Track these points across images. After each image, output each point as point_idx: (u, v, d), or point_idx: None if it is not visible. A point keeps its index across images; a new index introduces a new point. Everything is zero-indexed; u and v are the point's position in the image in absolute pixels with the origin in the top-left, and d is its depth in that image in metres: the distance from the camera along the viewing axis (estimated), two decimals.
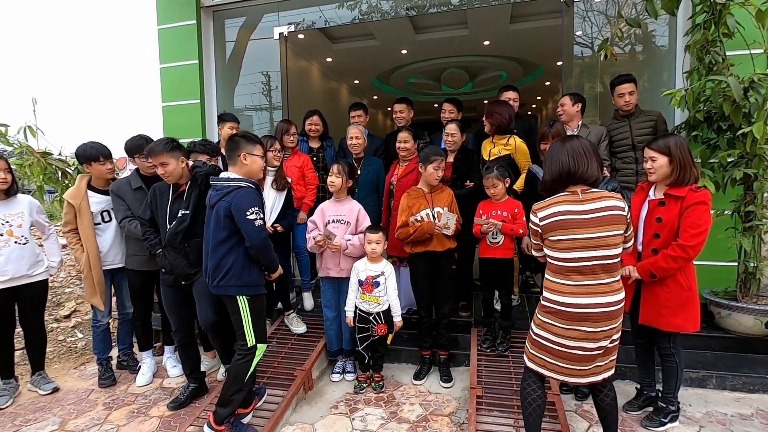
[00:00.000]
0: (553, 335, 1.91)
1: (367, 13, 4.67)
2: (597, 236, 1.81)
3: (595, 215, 1.82)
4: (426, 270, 2.95)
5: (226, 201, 2.30)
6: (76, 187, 3.15)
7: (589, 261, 1.83)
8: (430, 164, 2.84)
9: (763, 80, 2.66)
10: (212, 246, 2.36)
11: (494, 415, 2.53)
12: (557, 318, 1.89)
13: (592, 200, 1.85)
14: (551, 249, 1.91)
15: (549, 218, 1.88)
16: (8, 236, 2.90)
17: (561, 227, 1.85)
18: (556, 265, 1.91)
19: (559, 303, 1.87)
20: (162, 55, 4.64)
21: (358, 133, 3.57)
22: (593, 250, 1.82)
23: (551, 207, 1.89)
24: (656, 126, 3.27)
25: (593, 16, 4.18)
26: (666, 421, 2.48)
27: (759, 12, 2.85)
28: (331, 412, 2.77)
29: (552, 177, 1.94)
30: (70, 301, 4.62)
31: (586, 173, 1.87)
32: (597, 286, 1.84)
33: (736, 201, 3.03)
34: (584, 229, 1.82)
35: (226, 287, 2.36)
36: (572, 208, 1.85)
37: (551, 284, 1.93)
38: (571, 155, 1.88)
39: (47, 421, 2.77)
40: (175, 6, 4.53)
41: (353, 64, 7.77)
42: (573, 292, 1.85)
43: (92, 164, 3.12)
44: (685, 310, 2.33)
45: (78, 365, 3.65)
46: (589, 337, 1.85)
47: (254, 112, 5.24)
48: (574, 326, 1.85)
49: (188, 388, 2.92)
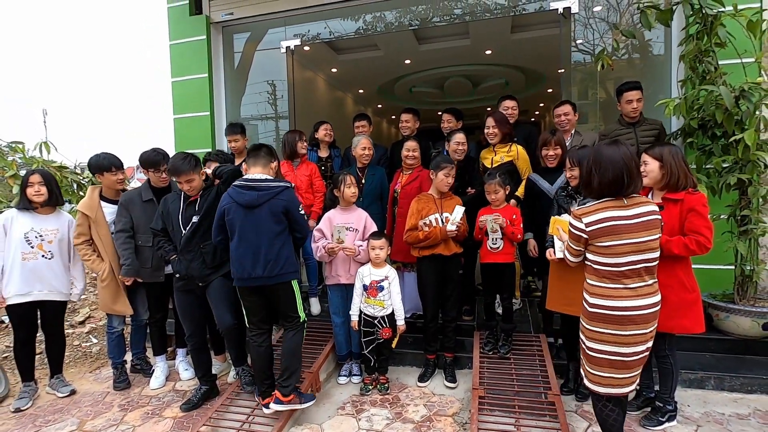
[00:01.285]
0: (610, 345, 1.92)
1: (372, 24, 4.82)
2: (643, 240, 1.87)
3: (640, 220, 1.88)
4: (433, 274, 3.05)
5: (281, 199, 2.56)
6: (89, 198, 3.23)
7: (636, 264, 1.89)
8: (441, 171, 2.96)
9: (753, 89, 2.75)
10: (268, 240, 2.54)
11: (496, 415, 2.60)
12: (613, 325, 1.90)
13: (636, 205, 1.91)
14: (599, 255, 1.93)
15: (597, 224, 1.90)
16: (38, 249, 3.05)
17: (612, 233, 1.88)
18: (605, 270, 1.93)
19: (609, 308, 1.90)
20: (173, 69, 4.82)
21: (368, 144, 3.67)
22: (640, 254, 1.88)
23: (598, 213, 1.91)
24: (659, 135, 3.35)
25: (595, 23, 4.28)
26: (663, 420, 2.55)
27: (750, 22, 2.96)
28: (338, 413, 2.86)
29: (606, 182, 1.92)
30: (84, 308, 4.77)
31: (637, 187, 1.92)
32: (643, 288, 1.91)
33: (731, 205, 3.10)
34: (633, 233, 1.87)
35: (283, 275, 2.59)
36: (620, 213, 1.89)
37: (599, 289, 1.94)
38: (626, 166, 1.89)
39: (66, 422, 2.89)
40: (186, 22, 4.72)
41: (358, 74, 7.93)
42: (623, 295, 1.90)
43: (104, 174, 3.24)
44: (692, 311, 2.40)
45: (93, 369, 3.77)
46: (641, 339, 1.90)
47: (260, 121, 5.41)
48: (630, 330, 1.89)
49: (200, 390, 3.03)
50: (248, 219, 2.55)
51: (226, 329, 2.83)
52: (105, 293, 3.21)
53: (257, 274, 2.55)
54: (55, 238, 3.13)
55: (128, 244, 3.11)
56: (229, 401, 2.89)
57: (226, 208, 2.60)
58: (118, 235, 3.13)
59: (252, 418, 2.70)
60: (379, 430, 2.66)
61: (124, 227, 3.13)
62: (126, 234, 3.12)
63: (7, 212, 3.10)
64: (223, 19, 4.78)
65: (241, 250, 2.57)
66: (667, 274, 2.41)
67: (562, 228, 2.36)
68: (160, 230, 2.93)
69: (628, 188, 1.91)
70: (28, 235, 3.04)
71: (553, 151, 2.98)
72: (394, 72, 8.03)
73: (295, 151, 3.73)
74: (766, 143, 2.94)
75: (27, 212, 3.08)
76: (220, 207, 2.64)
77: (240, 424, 2.65)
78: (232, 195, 2.59)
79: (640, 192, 1.99)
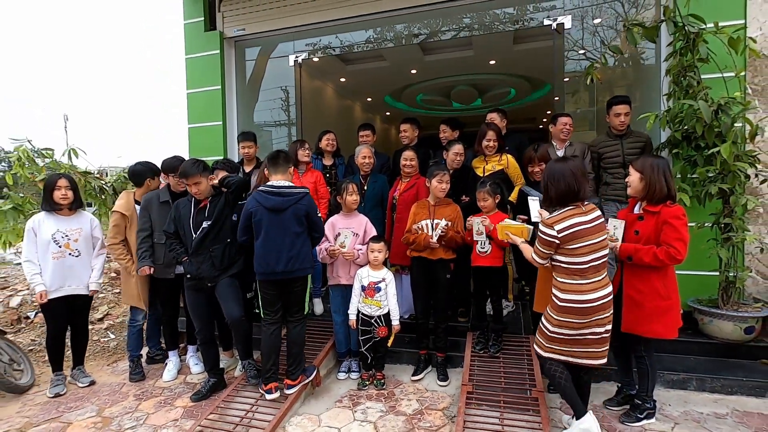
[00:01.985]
0: (571, 329, 2.29)
1: (378, 38, 5.05)
2: (598, 241, 2.26)
3: (595, 223, 2.27)
4: (421, 275, 3.26)
5: (303, 204, 2.91)
6: (127, 201, 3.52)
7: (596, 261, 2.26)
8: (434, 178, 3.17)
9: (730, 103, 2.89)
10: (290, 240, 2.88)
11: (482, 409, 2.77)
12: (576, 315, 2.26)
13: (591, 211, 2.30)
14: (568, 256, 2.27)
15: (567, 230, 2.23)
16: (65, 248, 3.33)
17: (577, 236, 2.23)
18: (573, 268, 2.27)
19: (578, 301, 2.25)
20: (189, 81, 5.12)
21: (368, 153, 3.90)
22: (597, 252, 2.25)
23: (566, 220, 2.25)
24: (644, 147, 3.50)
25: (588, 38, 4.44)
26: (642, 417, 2.69)
27: (731, 39, 3.10)
28: (336, 406, 3.06)
29: (559, 194, 2.30)
30: (103, 305, 5.04)
31: (585, 192, 2.30)
32: (600, 281, 2.29)
33: (715, 214, 3.23)
34: (592, 235, 2.24)
35: (301, 270, 2.93)
36: (582, 219, 2.26)
37: (571, 286, 2.28)
38: (572, 177, 2.26)
39: (86, 409, 3.14)
40: (201, 38, 5.03)
41: (366, 83, 8.18)
42: (588, 289, 2.26)
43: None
44: (665, 317, 2.53)
45: (110, 362, 4.04)
46: (599, 323, 2.27)
47: (273, 127, 5.68)
48: (589, 318, 2.26)
49: (209, 383, 3.26)
50: (274, 221, 2.87)
51: (235, 321, 3.07)
52: (129, 287, 3.52)
53: (279, 269, 2.87)
54: (80, 236, 3.40)
55: (146, 243, 3.37)
56: (235, 392, 3.10)
57: (252, 211, 2.90)
58: (139, 234, 3.40)
59: (256, 408, 2.91)
60: (373, 421, 2.84)
61: (143, 227, 3.40)
62: (145, 233, 3.38)
63: (34, 216, 3.37)
64: (235, 34, 5.07)
65: (267, 248, 2.88)
66: (642, 281, 2.56)
67: (511, 232, 2.66)
68: (172, 233, 3.16)
69: (579, 195, 2.27)
70: (55, 235, 3.31)
71: (538, 167, 3.19)
72: (401, 81, 8.26)
73: (297, 160, 3.91)
74: (746, 154, 3.07)
75: (52, 215, 3.34)
76: (245, 210, 2.94)
77: (244, 412, 2.86)
78: (258, 199, 2.89)
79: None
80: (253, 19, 4.98)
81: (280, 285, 2.95)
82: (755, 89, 3.44)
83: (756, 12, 3.44)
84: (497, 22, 4.68)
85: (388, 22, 4.93)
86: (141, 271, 3.34)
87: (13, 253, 8.09)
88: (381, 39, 5.12)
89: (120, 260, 3.50)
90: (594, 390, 3.09)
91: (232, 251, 3.14)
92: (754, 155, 3.11)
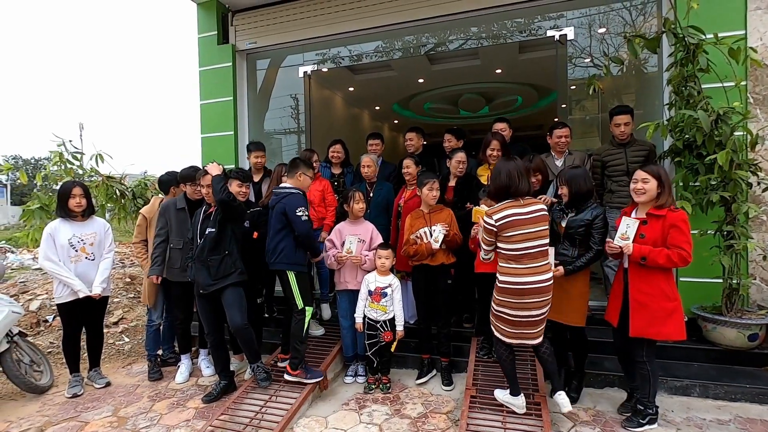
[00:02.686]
0: (509, 309, 2.60)
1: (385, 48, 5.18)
2: (533, 231, 2.54)
3: (531, 216, 2.55)
4: (422, 282, 3.34)
5: (282, 202, 3.16)
6: (151, 205, 3.86)
7: (531, 249, 2.54)
8: (424, 186, 3.26)
9: (729, 112, 2.94)
10: (272, 234, 3.23)
11: (485, 413, 2.83)
12: (512, 295, 2.58)
13: (529, 204, 2.58)
14: (506, 242, 2.57)
15: (502, 219, 2.55)
16: (81, 252, 3.47)
17: (512, 226, 2.54)
18: (510, 254, 2.57)
19: (513, 283, 2.56)
20: (202, 92, 5.29)
21: (369, 161, 4.03)
22: (534, 240, 2.54)
23: (503, 211, 2.57)
24: (648, 156, 3.55)
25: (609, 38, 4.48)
26: (644, 422, 2.72)
27: (731, 50, 3.16)
28: (343, 408, 3.13)
29: (497, 189, 2.65)
30: (118, 310, 5.20)
31: (519, 188, 2.58)
32: (538, 267, 2.56)
33: (717, 221, 3.26)
34: (526, 226, 2.53)
35: (279, 263, 3.19)
36: (518, 210, 2.55)
37: (508, 269, 2.59)
38: (507, 175, 2.59)
39: (102, 409, 3.26)
40: (214, 51, 5.20)
41: (374, 92, 8.32)
42: (524, 272, 2.54)
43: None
44: (673, 319, 2.59)
45: (125, 365, 4.17)
46: (534, 306, 2.56)
47: (282, 135, 5.83)
48: (526, 299, 2.55)
49: (220, 385, 3.36)
50: (270, 217, 3.29)
51: (237, 328, 3.16)
52: (145, 288, 3.73)
53: (269, 260, 3.25)
54: (95, 240, 3.54)
55: (161, 248, 3.53)
56: (245, 394, 3.20)
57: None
58: (155, 239, 3.58)
59: (265, 410, 3.00)
60: (378, 423, 2.91)
61: (159, 232, 3.57)
62: (160, 239, 3.55)
63: (51, 223, 3.52)
64: (247, 47, 5.23)
65: (266, 241, 3.29)
66: (649, 284, 2.62)
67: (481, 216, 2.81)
68: (190, 239, 3.34)
69: (518, 190, 2.57)
70: (71, 240, 3.45)
71: (534, 177, 3.30)
72: (408, 90, 8.38)
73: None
74: (746, 162, 3.11)
75: (67, 221, 3.48)
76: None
77: (254, 414, 2.96)
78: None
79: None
80: (265, 33, 5.14)
81: (274, 275, 3.33)
82: (756, 98, 3.48)
83: (756, 23, 3.49)
84: (504, 31, 4.77)
85: (396, 35, 5.05)
86: (151, 278, 3.56)
87: (31, 258, 8.34)
88: (389, 49, 5.24)
89: (138, 258, 3.78)
90: (599, 396, 3.15)
91: (228, 262, 3.16)
92: (755, 164, 3.14)
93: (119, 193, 4.81)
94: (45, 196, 4.73)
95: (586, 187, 2.88)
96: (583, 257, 2.85)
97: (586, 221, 2.83)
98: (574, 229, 2.86)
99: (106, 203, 4.75)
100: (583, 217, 2.85)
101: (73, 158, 4.89)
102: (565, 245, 2.92)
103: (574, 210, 2.92)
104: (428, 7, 4.55)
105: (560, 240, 2.95)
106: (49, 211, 4.59)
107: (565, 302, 2.92)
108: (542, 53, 6.32)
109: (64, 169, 4.72)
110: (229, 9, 5.27)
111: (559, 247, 2.93)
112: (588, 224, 2.83)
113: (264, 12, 5.16)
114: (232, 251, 3.19)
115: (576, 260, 2.85)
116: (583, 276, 2.92)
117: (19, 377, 3.37)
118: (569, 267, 2.84)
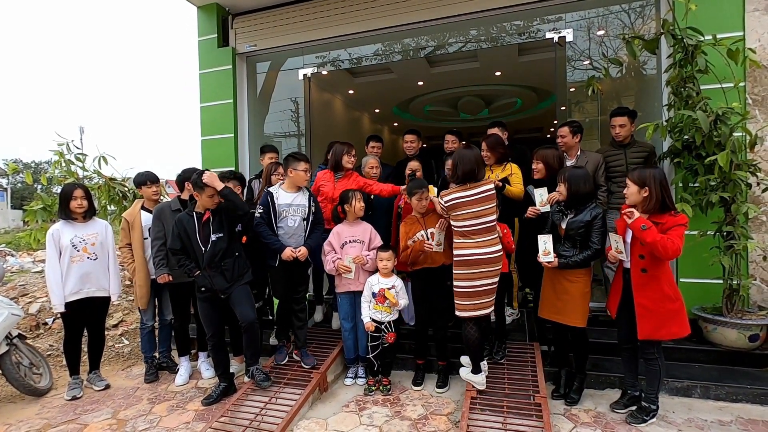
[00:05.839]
0: (466, 281, 2.87)
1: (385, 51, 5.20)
2: (477, 210, 2.85)
3: (476, 197, 2.85)
4: (421, 285, 3.32)
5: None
6: (132, 208, 3.83)
7: (476, 226, 2.85)
8: (414, 197, 3.22)
9: (728, 113, 2.95)
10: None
11: (486, 414, 2.82)
12: (466, 266, 2.87)
13: (476, 187, 2.88)
14: (456, 220, 2.91)
15: (450, 201, 2.89)
16: (83, 252, 3.47)
17: (457, 207, 2.88)
18: (460, 231, 2.89)
19: (465, 255, 2.87)
20: (202, 95, 5.31)
21: (376, 163, 4.03)
22: (477, 219, 2.85)
23: (451, 194, 2.90)
24: (648, 157, 3.55)
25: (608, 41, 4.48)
26: (648, 419, 2.75)
27: (730, 51, 3.17)
28: (343, 410, 3.12)
29: (464, 173, 2.89)
30: (117, 312, 5.19)
31: (479, 173, 2.90)
32: (484, 241, 2.86)
33: (717, 222, 3.27)
34: (470, 206, 2.85)
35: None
36: (463, 194, 2.87)
37: (459, 244, 2.91)
38: (475, 162, 2.89)
39: (102, 412, 3.25)
40: (214, 54, 5.22)
41: (374, 95, 8.33)
42: (473, 246, 2.86)
43: (142, 188, 3.82)
44: (677, 318, 2.62)
45: (125, 367, 4.16)
46: (485, 275, 2.86)
47: (282, 138, 5.83)
48: (476, 269, 2.85)
49: (219, 387, 3.34)
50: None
51: (249, 323, 3.18)
52: (137, 290, 3.72)
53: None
54: (96, 240, 3.54)
55: (162, 251, 3.53)
56: (245, 396, 3.19)
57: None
58: (154, 242, 3.58)
59: (264, 412, 2.99)
60: (379, 425, 2.90)
61: (158, 235, 3.56)
62: (159, 241, 3.54)
63: (53, 226, 3.52)
64: (247, 50, 5.25)
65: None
66: (653, 290, 2.64)
67: (432, 196, 3.22)
68: (179, 249, 3.18)
69: (477, 177, 2.89)
70: (73, 240, 3.44)
71: (536, 165, 3.32)
72: (408, 93, 8.40)
73: (340, 164, 3.75)
74: (746, 163, 3.11)
75: (68, 222, 3.48)
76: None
77: (254, 416, 2.94)
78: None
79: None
80: (264, 36, 5.16)
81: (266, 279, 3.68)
82: (755, 99, 3.49)
83: (755, 24, 3.50)
84: (503, 33, 4.78)
85: (396, 38, 5.07)
86: (160, 278, 3.53)
87: (31, 261, 8.34)
88: (389, 52, 5.26)
89: (125, 262, 3.73)
90: (599, 397, 3.15)
91: (240, 263, 3.24)
92: (755, 164, 3.14)
93: (121, 195, 4.84)
94: (48, 197, 4.75)
95: (586, 189, 2.88)
96: (580, 254, 2.85)
97: (585, 222, 2.84)
98: (574, 231, 2.86)
99: (109, 204, 4.78)
100: (582, 218, 2.85)
101: (76, 159, 4.93)
102: (566, 246, 2.93)
103: (573, 211, 2.93)
104: (427, 9, 4.58)
105: (561, 241, 2.96)
106: (51, 212, 4.62)
107: (567, 303, 2.92)
108: (541, 56, 6.34)
109: (67, 171, 4.74)
110: (229, 12, 5.29)
111: (559, 248, 2.93)
112: (587, 225, 2.83)
113: (264, 15, 5.18)
114: (240, 252, 3.25)
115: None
116: (585, 277, 2.92)
117: (18, 380, 3.36)
118: (563, 260, 2.87)
